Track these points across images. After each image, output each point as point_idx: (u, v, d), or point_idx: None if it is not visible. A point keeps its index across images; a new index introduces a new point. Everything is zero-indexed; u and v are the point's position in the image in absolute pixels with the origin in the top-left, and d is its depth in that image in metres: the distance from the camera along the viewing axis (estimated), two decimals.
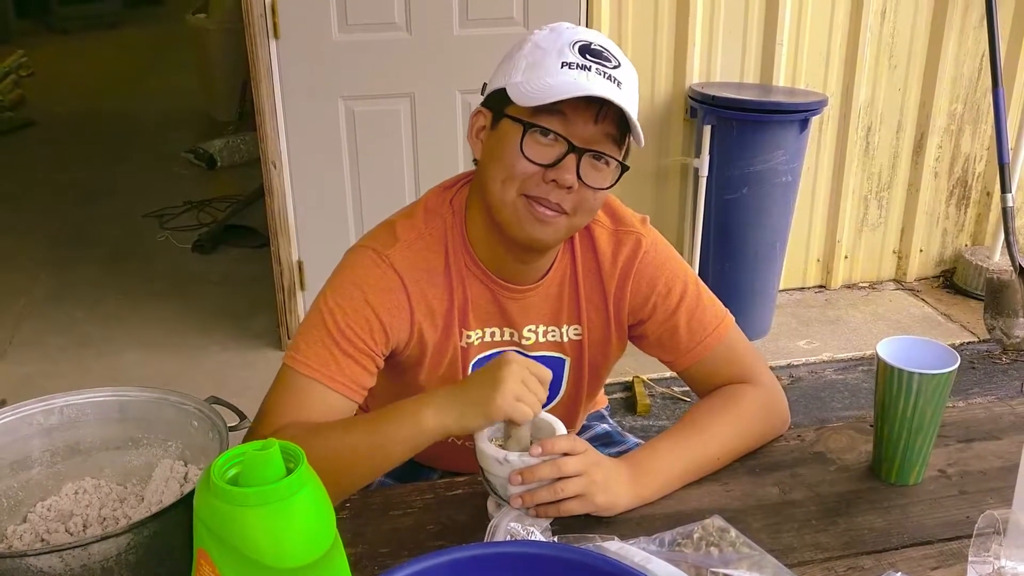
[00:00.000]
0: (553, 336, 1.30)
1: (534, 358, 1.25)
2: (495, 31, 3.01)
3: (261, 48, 2.90)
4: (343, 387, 1.14)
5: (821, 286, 3.73)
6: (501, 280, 1.24)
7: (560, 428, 1.11)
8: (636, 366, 2.94)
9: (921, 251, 3.78)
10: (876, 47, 3.40)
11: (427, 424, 1.05)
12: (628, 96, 1.12)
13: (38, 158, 5.60)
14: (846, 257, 3.71)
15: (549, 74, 1.09)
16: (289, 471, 0.79)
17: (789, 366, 3.17)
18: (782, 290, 3.55)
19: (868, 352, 3.22)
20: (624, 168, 1.16)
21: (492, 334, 1.27)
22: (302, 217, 3.15)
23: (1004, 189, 3.26)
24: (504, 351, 1.17)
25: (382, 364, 1.21)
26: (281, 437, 0.90)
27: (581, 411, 1.43)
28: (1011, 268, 3.23)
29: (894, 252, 3.78)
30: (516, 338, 1.28)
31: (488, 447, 1.07)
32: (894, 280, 3.81)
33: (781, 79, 3.34)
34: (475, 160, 1.22)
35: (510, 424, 1.06)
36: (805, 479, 1.21)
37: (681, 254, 1.33)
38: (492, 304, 1.25)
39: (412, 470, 1.46)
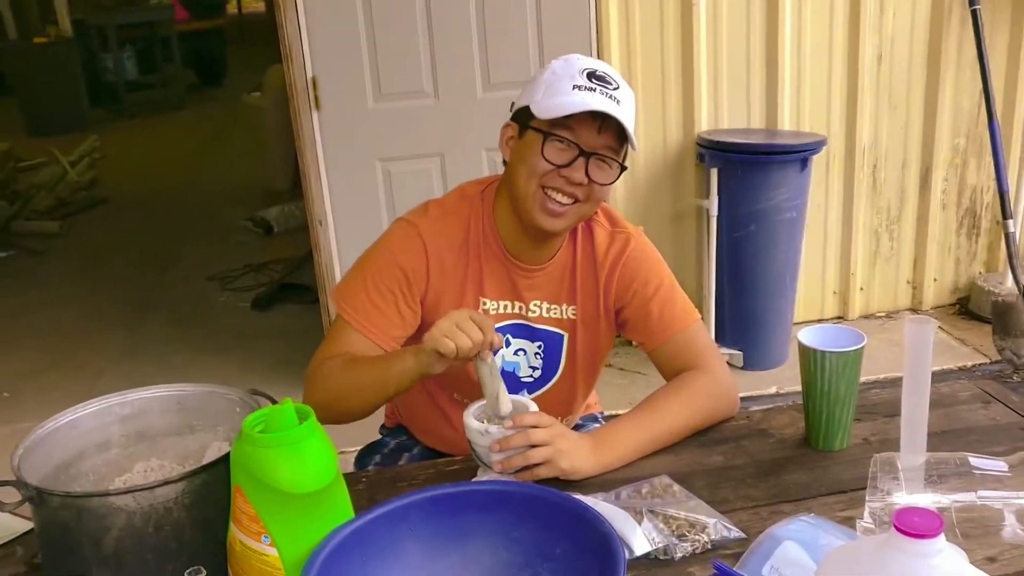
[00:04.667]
0: (554, 313, 1.56)
1: (538, 330, 1.56)
2: (516, 93, 3.27)
3: (304, 119, 3.23)
4: (372, 334, 1.47)
5: (839, 317, 3.90)
6: (514, 259, 1.52)
7: (532, 407, 1.35)
8: None
9: (935, 280, 3.93)
10: (875, 89, 3.61)
11: (408, 364, 1.34)
12: (625, 110, 1.41)
13: (111, 232, 6.04)
14: (861, 289, 3.88)
15: (563, 94, 1.39)
16: (301, 422, 1.05)
17: None
18: (801, 322, 3.72)
19: (882, 376, 3.36)
20: (623, 168, 1.46)
21: (505, 306, 1.55)
22: (347, 270, 3.44)
23: (1005, 216, 3.43)
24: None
25: (413, 313, 1.50)
26: (328, 364, 1.41)
27: (579, 395, 1.66)
28: (1017, 291, 3.38)
29: (908, 282, 3.93)
30: (523, 311, 1.56)
31: (472, 421, 1.31)
32: (910, 309, 3.96)
33: (786, 123, 3.57)
34: (504, 162, 1.52)
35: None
36: (747, 449, 1.42)
37: (699, 290, 1.61)
38: (505, 278, 1.54)
39: (431, 456, 1.72)
